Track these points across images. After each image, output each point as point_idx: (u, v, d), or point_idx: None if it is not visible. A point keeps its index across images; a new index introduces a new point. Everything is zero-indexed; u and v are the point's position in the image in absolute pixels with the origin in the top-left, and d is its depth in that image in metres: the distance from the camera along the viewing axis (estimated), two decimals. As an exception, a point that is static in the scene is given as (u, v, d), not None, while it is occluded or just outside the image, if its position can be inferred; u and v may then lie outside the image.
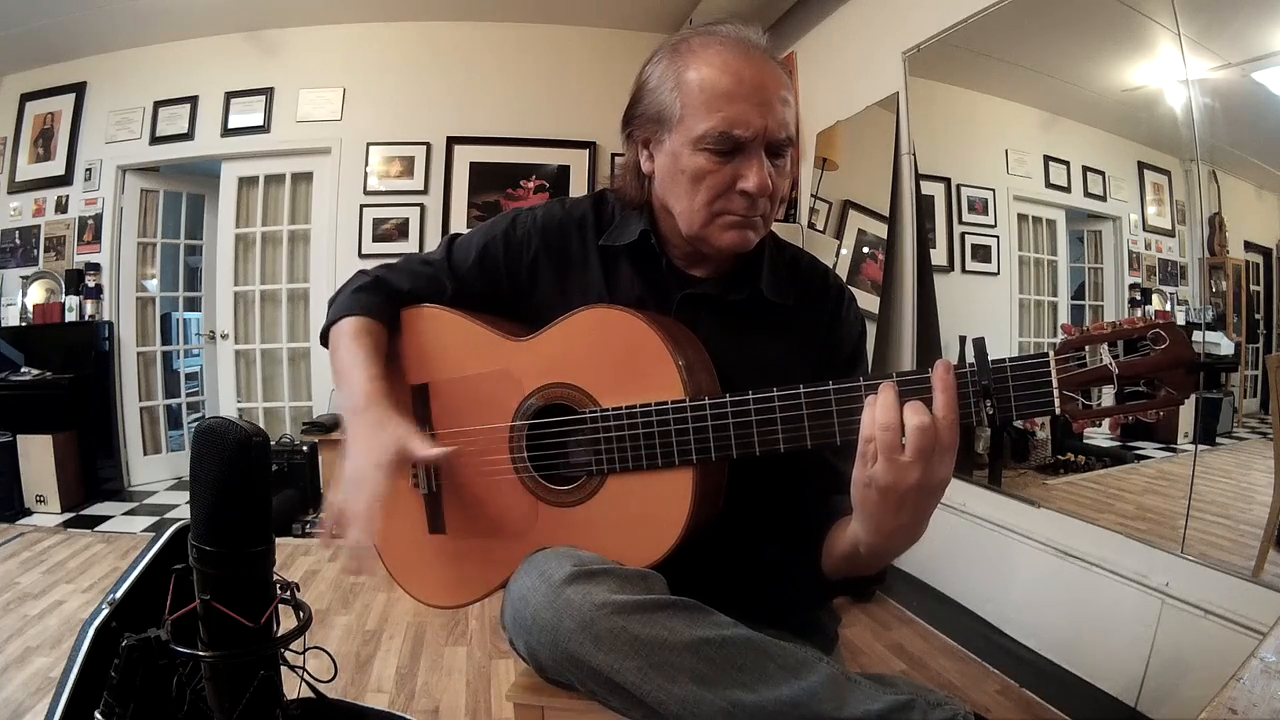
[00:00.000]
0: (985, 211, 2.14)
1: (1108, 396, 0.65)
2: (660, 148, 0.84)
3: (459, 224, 3.78)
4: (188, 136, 3.81)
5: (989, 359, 0.66)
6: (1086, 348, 0.65)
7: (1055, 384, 0.65)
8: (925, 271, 2.28)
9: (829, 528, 0.80)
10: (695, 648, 0.67)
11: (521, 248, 0.94)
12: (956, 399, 0.65)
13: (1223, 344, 1.52)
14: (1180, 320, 1.62)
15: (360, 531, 0.75)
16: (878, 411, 0.66)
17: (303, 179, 3.91)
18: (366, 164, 3.79)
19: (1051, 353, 0.65)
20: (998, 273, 2.12)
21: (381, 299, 0.93)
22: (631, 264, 0.91)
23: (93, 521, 3.34)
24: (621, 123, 0.89)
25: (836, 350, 0.93)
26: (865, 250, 2.56)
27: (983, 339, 0.67)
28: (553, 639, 0.70)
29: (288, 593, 0.88)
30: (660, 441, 0.77)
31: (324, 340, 0.97)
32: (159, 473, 4.08)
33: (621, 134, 0.90)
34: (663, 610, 0.69)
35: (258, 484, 0.78)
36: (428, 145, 3.81)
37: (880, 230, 2.46)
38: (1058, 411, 0.65)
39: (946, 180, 2.24)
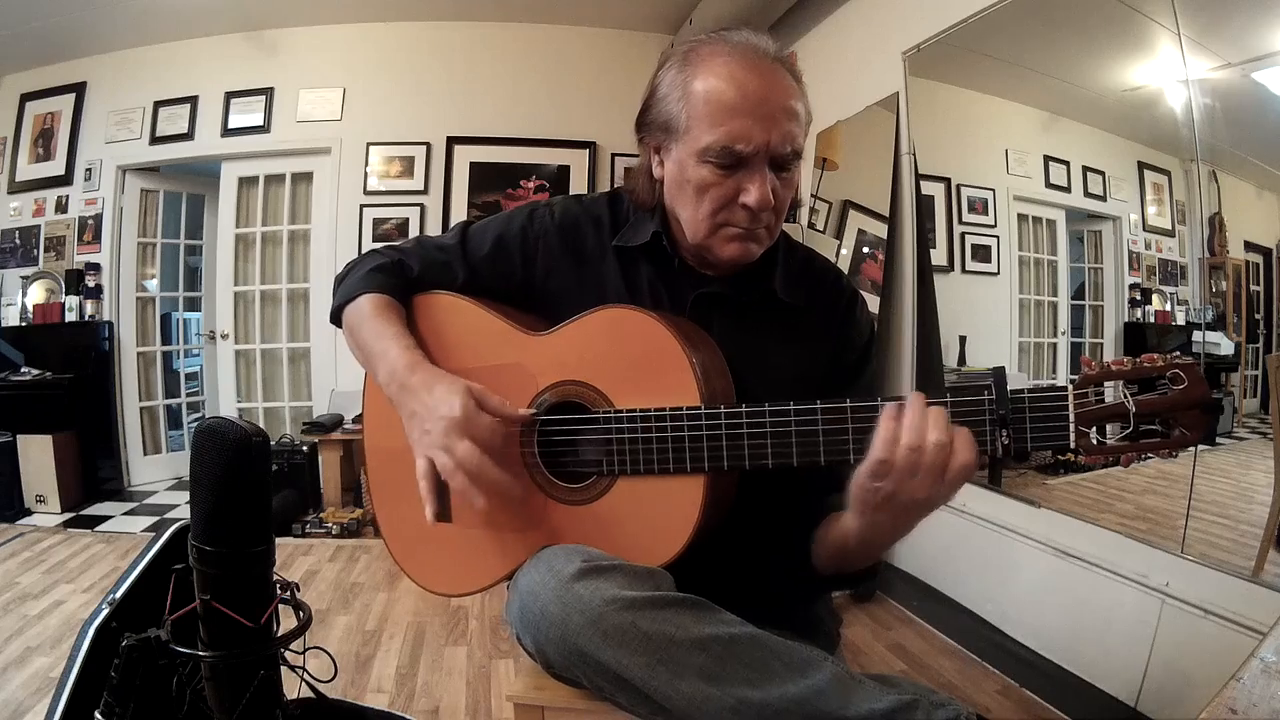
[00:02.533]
0: (985, 211, 2.14)
1: (1122, 432, 0.66)
2: (669, 156, 0.85)
3: (459, 224, 3.78)
4: (188, 136, 3.81)
5: (1008, 389, 0.67)
6: (1105, 384, 0.66)
7: (1072, 418, 0.66)
8: (925, 271, 2.28)
9: (820, 523, 0.81)
10: (703, 644, 0.68)
11: (539, 243, 0.94)
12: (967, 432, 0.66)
13: (1223, 344, 1.52)
14: (1180, 320, 1.62)
15: (506, 485, 0.75)
16: (906, 431, 0.66)
17: (303, 179, 3.91)
18: (366, 164, 3.79)
19: (1070, 387, 0.66)
20: (998, 273, 2.12)
21: (399, 282, 0.93)
22: (647, 263, 0.91)
23: (93, 521, 3.34)
24: (635, 126, 0.90)
25: (845, 351, 0.93)
26: (865, 250, 2.56)
27: (1003, 369, 0.68)
28: (561, 634, 0.70)
29: (288, 593, 0.88)
30: (674, 447, 0.77)
31: (335, 319, 0.96)
32: (159, 473, 4.08)
33: (635, 137, 0.91)
34: (671, 607, 0.69)
35: (258, 484, 0.78)
36: (428, 145, 3.81)
37: (880, 230, 2.46)
38: (1072, 445, 0.66)
39: (946, 180, 2.24)
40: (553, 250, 0.93)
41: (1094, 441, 0.65)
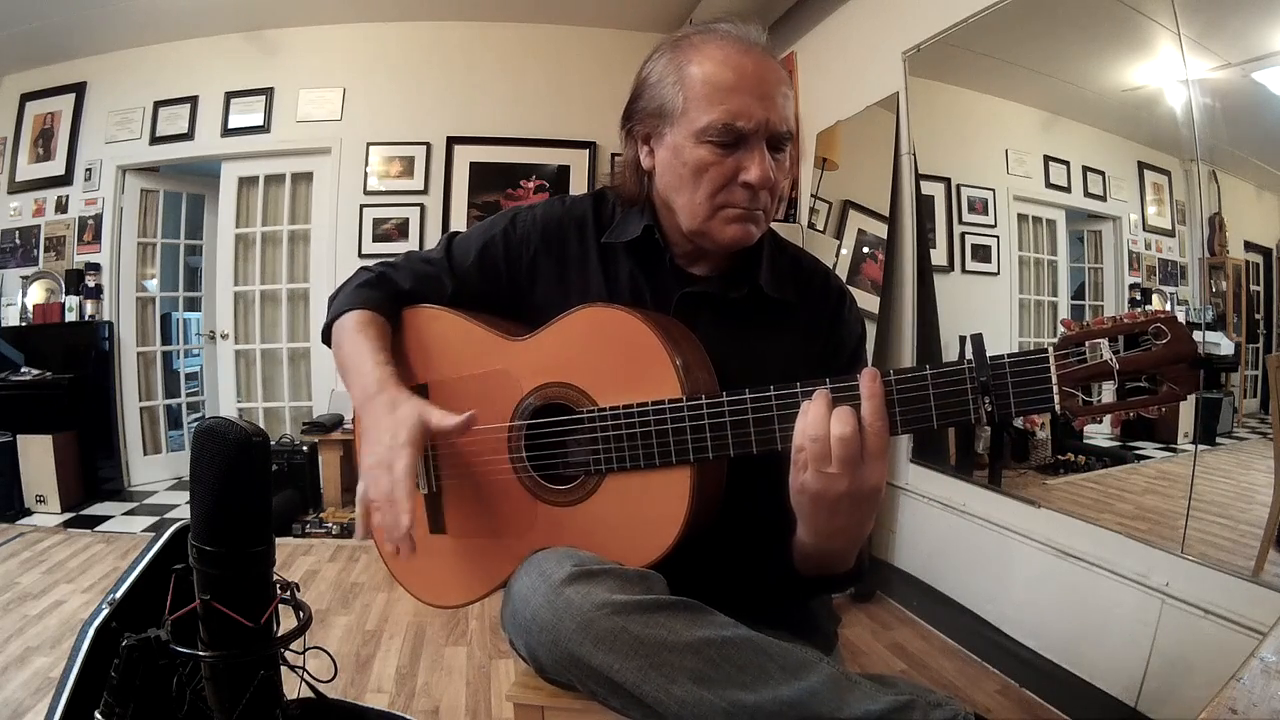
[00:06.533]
0: (985, 211, 2.14)
1: (1108, 392, 0.64)
2: (661, 142, 0.85)
3: (459, 224, 3.78)
4: (188, 136, 3.81)
5: (987, 355, 0.65)
6: (1086, 343, 0.64)
7: (1055, 380, 0.64)
8: (925, 271, 2.28)
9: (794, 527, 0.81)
10: (695, 648, 0.67)
11: (522, 246, 0.94)
12: (884, 408, 0.67)
13: (1223, 344, 1.52)
14: (1180, 320, 1.62)
15: (398, 514, 0.73)
16: (807, 423, 0.68)
17: (303, 179, 3.91)
18: (366, 164, 3.79)
19: (1051, 348, 0.64)
20: (998, 273, 2.12)
21: (384, 295, 0.94)
22: (631, 262, 0.91)
23: (93, 521, 3.34)
24: (621, 119, 0.90)
25: (838, 351, 0.93)
26: (865, 250, 2.56)
27: (980, 335, 0.67)
28: (552, 639, 0.70)
29: (288, 593, 0.88)
30: (657, 441, 0.77)
31: (325, 338, 0.97)
32: (159, 473, 4.08)
33: (621, 131, 0.90)
34: (663, 610, 0.69)
35: (258, 484, 0.78)
36: (428, 145, 3.81)
37: (880, 230, 2.46)
38: (1057, 409, 0.64)
39: (946, 180, 2.24)
40: (536, 252, 0.93)
41: (1080, 403, 0.64)
